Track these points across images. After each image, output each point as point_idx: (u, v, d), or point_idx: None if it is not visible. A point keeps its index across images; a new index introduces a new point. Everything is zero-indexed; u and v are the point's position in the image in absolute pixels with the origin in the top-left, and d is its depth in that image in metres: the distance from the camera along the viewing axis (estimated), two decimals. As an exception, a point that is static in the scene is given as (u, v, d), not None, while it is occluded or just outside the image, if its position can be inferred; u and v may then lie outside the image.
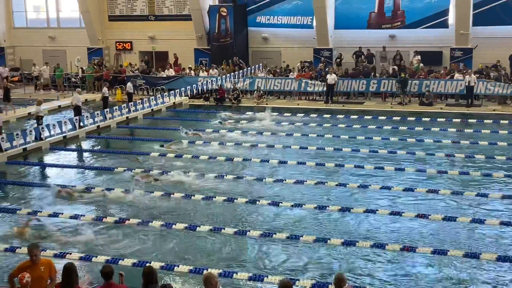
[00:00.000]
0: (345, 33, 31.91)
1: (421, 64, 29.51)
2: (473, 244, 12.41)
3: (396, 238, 12.68)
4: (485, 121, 24.30)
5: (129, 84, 29.53)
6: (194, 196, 15.50)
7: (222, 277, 10.64)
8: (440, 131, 22.84)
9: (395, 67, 29.44)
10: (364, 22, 31.66)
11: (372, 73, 29.97)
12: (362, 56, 30.91)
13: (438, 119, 24.74)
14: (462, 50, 29.79)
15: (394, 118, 25.19)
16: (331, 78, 28.73)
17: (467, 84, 26.98)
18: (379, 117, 25.35)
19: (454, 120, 24.69)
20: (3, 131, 21.53)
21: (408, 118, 25.07)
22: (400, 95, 28.28)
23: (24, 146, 20.68)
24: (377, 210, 14.18)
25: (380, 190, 15.83)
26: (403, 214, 13.94)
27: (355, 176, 17.24)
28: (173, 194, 15.68)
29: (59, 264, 9.10)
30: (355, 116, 25.77)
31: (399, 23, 31.25)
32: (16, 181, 17.60)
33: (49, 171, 19.02)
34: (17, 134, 20.64)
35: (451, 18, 30.13)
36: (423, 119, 24.90)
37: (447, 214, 13.95)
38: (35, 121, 23.52)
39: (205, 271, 10.39)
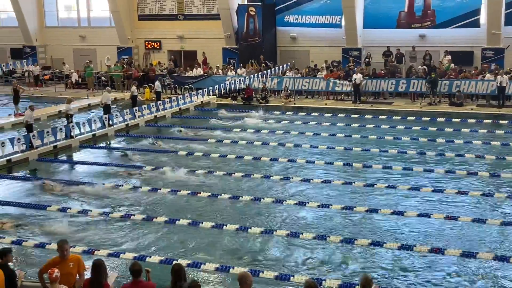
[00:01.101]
0: (374, 32, 31.67)
1: (452, 64, 29.13)
2: (503, 246, 12.21)
3: (424, 240, 12.54)
4: (516, 122, 23.92)
5: (157, 83, 29.76)
6: (220, 195, 15.54)
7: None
8: (470, 132, 22.52)
9: (425, 67, 29.12)
10: (393, 21, 31.36)
11: (399, 73, 29.72)
12: (391, 56, 30.64)
13: (469, 120, 24.39)
14: (493, 50, 29.32)
15: (424, 118, 24.92)
16: (357, 77, 28.55)
17: (498, 84, 26.56)
18: (408, 118, 25.10)
19: (485, 121, 24.31)
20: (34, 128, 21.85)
21: (438, 119, 24.77)
22: (430, 95, 27.95)
23: (54, 144, 20.99)
24: (405, 212, 14.04)
25: (408, 191, 15.66)
26: (431, 215, 13.78)
27: (383, 176, 17.09)
28: (199, 193, 15.74)
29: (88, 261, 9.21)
30: (384, 117, 25.55)
31: (430, 22, 30.88)
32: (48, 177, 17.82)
33: (78, 168, 19.23)
34: (47, 132, 20.95)
35: (483, 17, 29.68)
36: (453, 119, 24.58)
37: (477, 216, 13.76)
38: (65, 119, 23.83)
39: (238, 270, 10.43)
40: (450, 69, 28.83)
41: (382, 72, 29.79)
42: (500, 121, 24.22)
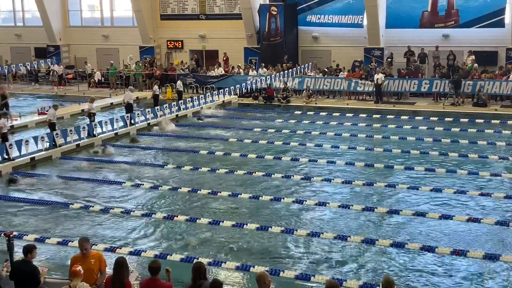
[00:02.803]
0: (396, 32, 31.44)
1: (475, 64, 28.80)
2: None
3: (446, 241, 12.42)
4: (541, 123, 23.57)
5: (179, 82, 29.90)
6: (240, 195, 15.56)
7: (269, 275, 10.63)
8: (494, 133, 22.25)
9: (446, 67, 28.87)
10: (416, 21, 31.11)
11: (423, 73, 29.52)
12: (414, 55, 30.40)
13: (493, 121, 24.10)
14: (518, 50, 28.97)
15: (447, 119, 24.68)
16: (379, 77, 28.39)
17: (523, 85, 26.23)
18: (431, 118, 24.88)
19: (509, 122, 23.98)
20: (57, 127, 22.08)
21: (461, 120, 24.51)
22: (453, 95, 27.68)
23: (77, 142, 21.19)
24: (427, 213, 13.92)
25: (430, 192, 15.52)
26: (453, 217, 13.65)
27: (404, 177, 16.96)
28: (220, 192, 15.78)
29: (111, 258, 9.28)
30: (406, 117, 25.36)
31: (453, 22, 30.58)
32: (68, 175, 17.99)
33: (101, 166, 19.38)
34: (70, 130, 21.16)
35: (508, 17, 29.31)
36: (477, 120, 24.30)
37: (500, 218, 13.59)
38: (87, 118, 24.04)
39: (258, 270, 10.45)
40: (473, 69, 28.51)
41: (403, 71, 29.58)
42: (525, 122, 23.90)
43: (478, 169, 17.46)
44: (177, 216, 14.06)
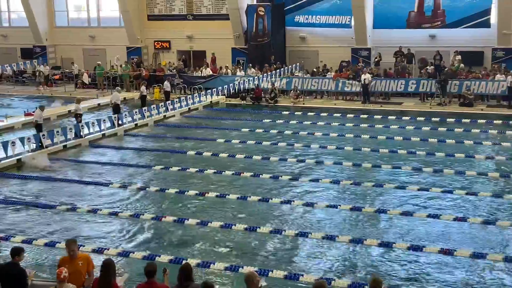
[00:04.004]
0: (383, 32, 31.56)
1: (462, 65, 28.99)
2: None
3: (434, 240, 12.48)
4: (527, 122, 23.79)
5: (166, 83, 29.80)
6: (228, 195, 15.56)
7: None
8: (480, 133, 22.41)
9: (433, 67, 29.05)
10: (403, 21, 31.25)
11: (409, 73, 29.67)
12: (402, 56, 30.54)
13: (479, 121, 24.27)
14: (504, 50, 29.15)
15: (433, 119, 24.81)
16: (366, 78, 28.50)
17: (509, 84, 26.43)
18: (418, 118, 25.00)
19: (495, 121, 24.16)
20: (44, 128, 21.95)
21: (448, 119, 24.66)
22: (440, 95, 27.84)
23: (64, 143, 21.08)
24: (414, 212, 14.00)
25: (417, 192, 15.59)
26: (441, 216, 13.72)
27: (392, 177, 17.03)
28: (207, 193, 15.77)
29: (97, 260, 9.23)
30: (393, 117, 25.47)
31: (439, 22, 30.75)
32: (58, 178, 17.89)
33: (87, 167, 19.28)
34: (57, 131, 21.04)
35: (493, 17, 29.52)
36: (463, 120, 24.45)
37: (487, 217, 13.70)
38: (74, 119, 23.91)
39: (246, 270, 10.47)
40: (460, 68, 28.70)
41: (390, 71, 29.71)
42: (510, 122, 24.05)
43: (465, 169, 17.57)
44: (165, 217, 14.02)
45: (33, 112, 23.69)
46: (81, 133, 21.94)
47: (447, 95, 27.93)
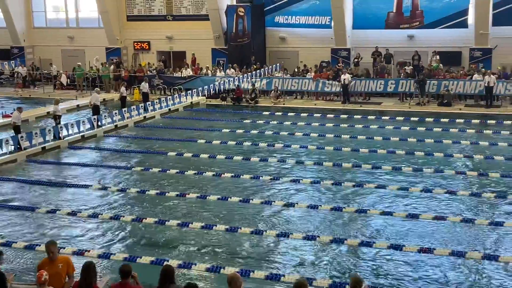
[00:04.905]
0: (363, 33, 31.78)
1: (440, 65, 29.29)
2: (491, 246, 12.30)
3: (414, 240, 12.60)
4: (504, 122, 24.05)
5: (143, 84, 29.49)
6: (209, 196, 15.55)
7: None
8: (458, 132, 22.65)
9: (411, 67, 29.30)
10: (382, 22, 31.49)
11: (388, 74, 29.91)
12: (381, 56, 30.76)
13: (457, 120, 24.53)
14: (481, 50, 29.51)
15: (412, 118, 25.03)
16: (345, 78, 28.66)
17: (486, 84, 26.75)
18: (397, 118, 25.20)
19: (473, 121, 24.45)
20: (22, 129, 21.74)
21: (426, 119, 24.89)
22: (419, 95, 28.10)
23: (43, 145, 20.88)
24: (394, 212, 14.11)
25: (397, 191, 15.72)
26: (420, 216, 13.85)
27: (372, 176, 17.14)
28: (188, 194, 15.74)
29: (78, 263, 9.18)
30: (373, 117, 25.65)
31: (418, 23, 31.03)
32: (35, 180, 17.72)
33: (67, 169, 19.13)
34: (36, 133, 20.84)
35: (471, 18, 29.86)
36: (442, 119, 24.70)
37: (465, 216, 13.85)
38: (52, 120, 23.71)
39: (228, 271, 10.48)
40: (438, 68, 29.00)
41: (365, 70, 29.94)
42: (488, 121, 24.36)
43: (444, 168, 17.75)
44: (145, 219, 13.97)
45: (11, 114, 23.43)
46: (60, 135, 21.75)
47: (425, 95, 28.20)
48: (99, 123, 23.65)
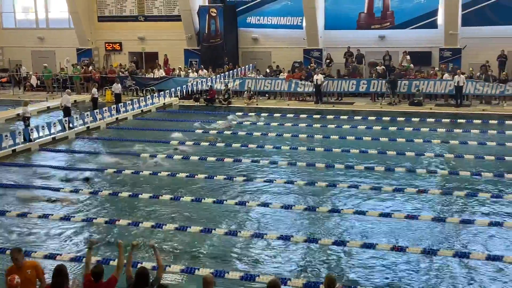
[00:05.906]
0: (335, 33, 31.98)
1: (411, 65, 29.63)
2: (462, 243, 12.48)
3: (387, 238, 12.71)
4: (474, 121, 24.42)
5: (115, 85, 29.26)
6: (183, 197, 15.50)
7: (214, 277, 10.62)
8: (429, 131, 22.92)
9: (383, 67, 29.59)
10: (353, 22, 31.71)
11: (359, 74, 30.18)
12: (353, 56, 30.99)
13: (428, 119, 24.84)
14: (451, 50, 29.92)
15: (384, 118, 25.25)
16: (318, 78, 28.82)
17: (456, 84, 27.13)
18: (369, 117, 25.40)
19: (443, 120, 24.78)
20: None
21: (398, 118, 25.14)
22: (390, 95, 28.38)
23: (13, 148, 20.56)
24: (367, 211, 14.21)
25: (370, 191, 15.85)
26: (392, 215, 13.98)
27: (345, 176, 17.26)
28: (161, 196, 15.66)
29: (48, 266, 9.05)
30: (345, 117, 25.81)
31: (388, 23, 31.34)
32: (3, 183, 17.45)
33: (38, 171, 18.86)
34: (6, 136, 20.51)
35: (440, 18, 30.26)
36: (413, 119, 24.98)
37: (437, 214, 14.03)
38: (22, 122, 23.36)
39: (202, 272, 10.45)
40: (409, 68, 29.33)
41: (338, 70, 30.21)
42: (458, 120, 24.70)
43: (415, 167, 17.95)
44: (118, 220, 13.86)
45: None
46: (31, 137, 21.45)
47: (397, 94, 28.49)
48: (71, 125, 23.37)
